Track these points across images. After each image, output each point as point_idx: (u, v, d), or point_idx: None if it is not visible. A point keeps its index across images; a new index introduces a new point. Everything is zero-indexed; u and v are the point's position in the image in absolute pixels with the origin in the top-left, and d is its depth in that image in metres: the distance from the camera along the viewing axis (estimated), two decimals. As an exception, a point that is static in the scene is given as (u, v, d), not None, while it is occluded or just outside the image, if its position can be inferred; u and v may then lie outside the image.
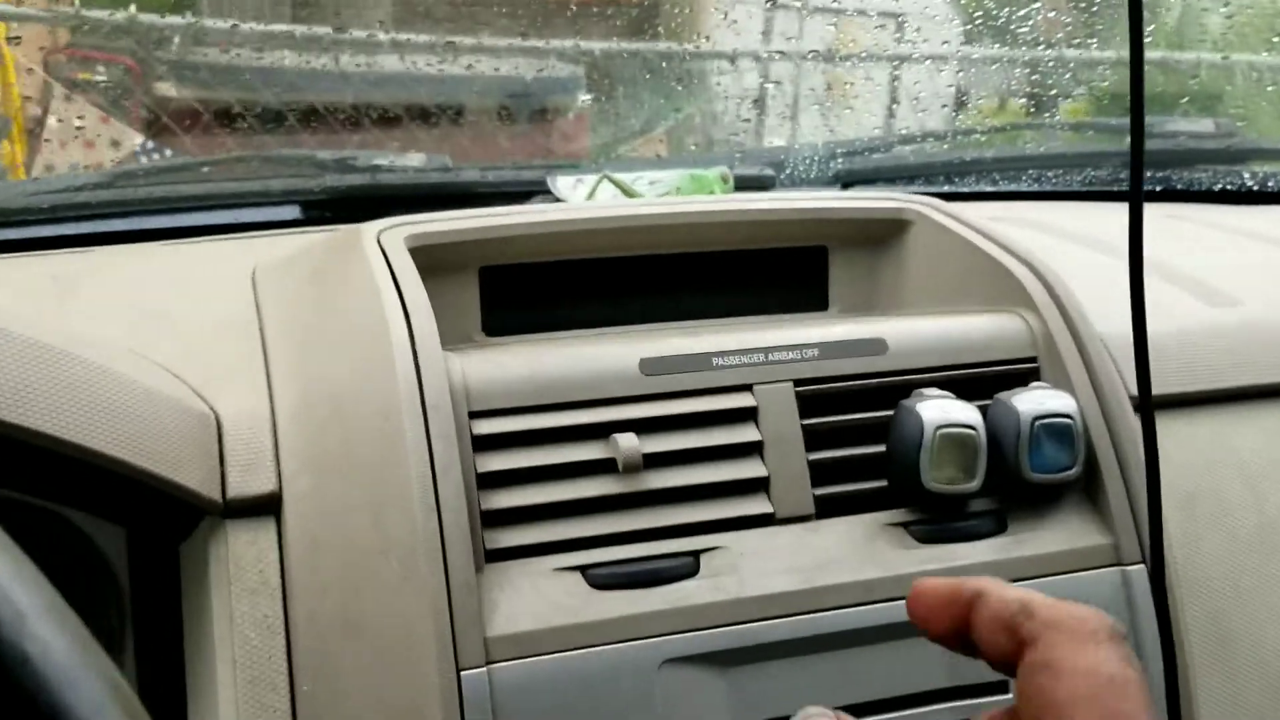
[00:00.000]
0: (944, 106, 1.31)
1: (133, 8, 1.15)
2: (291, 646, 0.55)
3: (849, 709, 0.57)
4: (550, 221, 0.72)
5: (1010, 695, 0.59)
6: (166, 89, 1.18)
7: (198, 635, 0.58)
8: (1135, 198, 0.48)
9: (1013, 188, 1.20)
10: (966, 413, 0.60)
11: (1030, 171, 1.21)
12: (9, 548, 0.25)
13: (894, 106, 1.27)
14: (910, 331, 0.66)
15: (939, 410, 0.59)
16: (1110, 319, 0.71)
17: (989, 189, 1.19)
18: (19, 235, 0.96)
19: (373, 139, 1.11)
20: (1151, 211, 1.16)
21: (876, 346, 0.64)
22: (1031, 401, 0.61)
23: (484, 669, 0.52)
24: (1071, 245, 0.93)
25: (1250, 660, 0.69)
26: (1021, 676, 0.32)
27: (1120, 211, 1.12)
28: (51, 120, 1.25)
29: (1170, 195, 1.24)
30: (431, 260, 0.68)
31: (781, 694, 0.56)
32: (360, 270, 0.63)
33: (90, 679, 0.25)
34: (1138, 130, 0.47)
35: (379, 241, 0.66)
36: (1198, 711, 0.65)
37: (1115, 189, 1.23)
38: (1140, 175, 0.48)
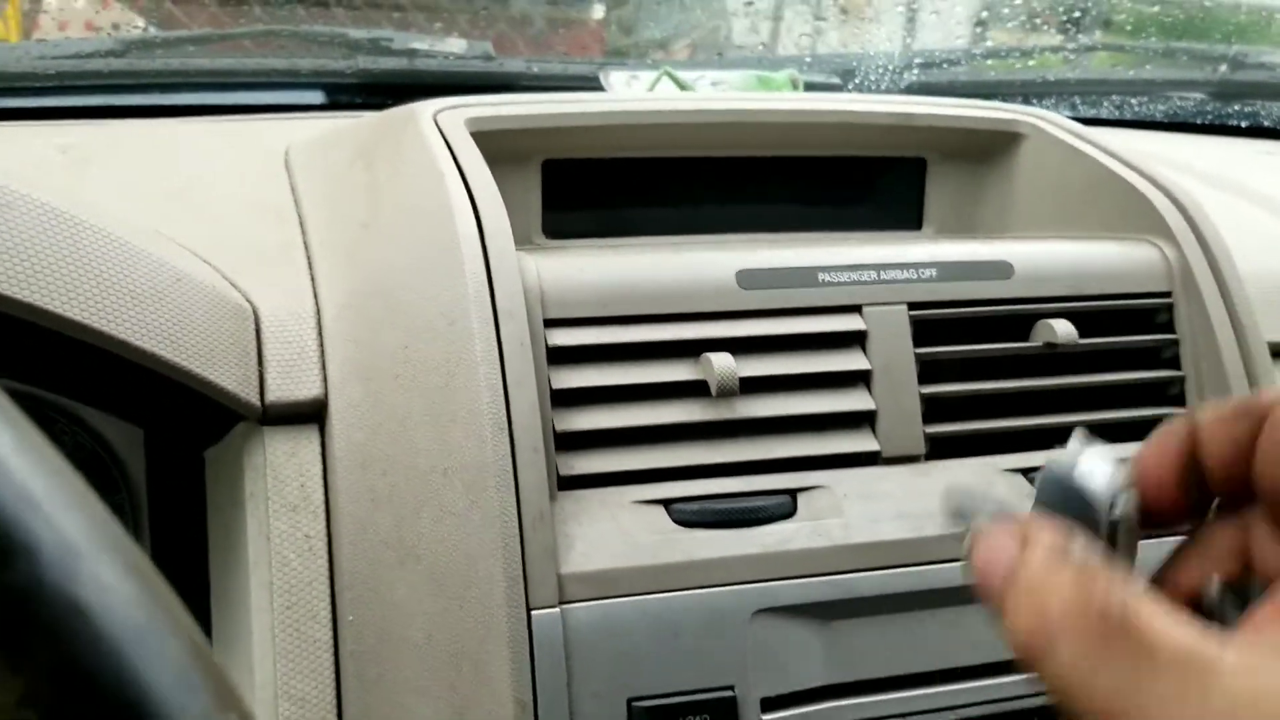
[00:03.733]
0: (1032, 24, 1.22)
1: None
2: (335, 572, 0.48)
3: (954, 672, 0.51)
4: (626, 112, 0.64)
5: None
6: None
7: (227, 554, 0.52)
8: None
9: (1093, 113, 1.12)
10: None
11: (1114, 97, 1.12)
12: (56, 462, 0.18)
13: (979, 17, 1.18)
14: (1038, 254, 0.58)
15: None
16: (1249, 257, 0.63)
17: (1068, 114, 1.11)
18: (21, 104, 0.88)
19: (411, 20, 1.02)
20: (1243, 148, 1.09)
21: (1002, 270, 0.57)
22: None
23: (557, 609, 0.46)
24: (1185, 177, 0.85)
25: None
26: None
27: (1216, 144, 1.03)
28: None
29: (1259, 131, 1.16)
30: (491, 149, 0.59)
31: (882, 650, 0.50)
32: (418, 152, 0.55)
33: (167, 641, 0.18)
34: None
35: (437, 122, 0.58)
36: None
37: (1204, 120, 1.14)
38: None
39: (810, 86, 0.99)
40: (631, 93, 0.94)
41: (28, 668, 0.16)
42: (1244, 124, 1.16)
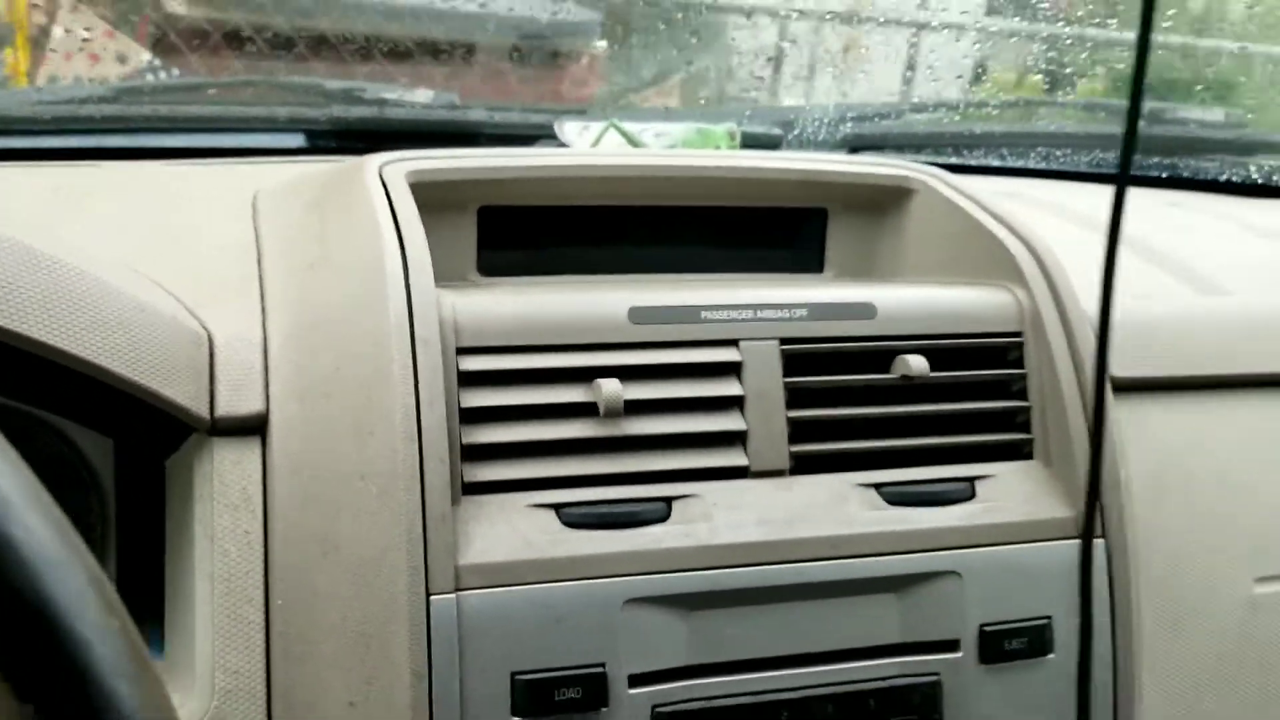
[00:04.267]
0: (958, 77, 1.31)
1: None
2: (269, 563, 0.56)
3: (799, 658, 0.59)
4: (550, 166, 0.73)
5: (961, 654, 0.61)
6: (176, 5, 1.17)
7: (179, 548, 0.60)
8: (1121, 180, 0.49)
9: (1020, 164, 1.20)
10: None
11: (1039, 149, 1.21)
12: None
13: (908, 74, 1.27)
14: (899, 298, 0.66)
15: None
16: (1096, 300, 0.71)
17: (995, 164, 1.20)
18: (21, 145, 0.97)
19: (381, 72, 1.11)
20: (1153, 198, 1.17)
21: (865, 310, 0.65)
22: None
23: (453, 595, 0.54)
24: (1072, 225, 0.94)
25: (1201, 631, 0.71)
26: None
27: (1131, 194, 1.13)
28: (57, 30, 1.24)
29: (1175, 183, 1.24)
30: (431, 197, 0.68)
31: (738, 638, 0.58)
32: (360, 202, 0.64)
33: (73, 568, 0.26)
34: (1133, 114, 0.48)
35: (380, 174, 0.67)
36: (1145, 680, 0.67)
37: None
38: (1129, 159, 0.49)
39: (750, 137, 1.08)
40: (581, 141, 1.03)
41: None
42: (1163, 175, 1.25)
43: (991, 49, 1.37)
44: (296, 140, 1.04)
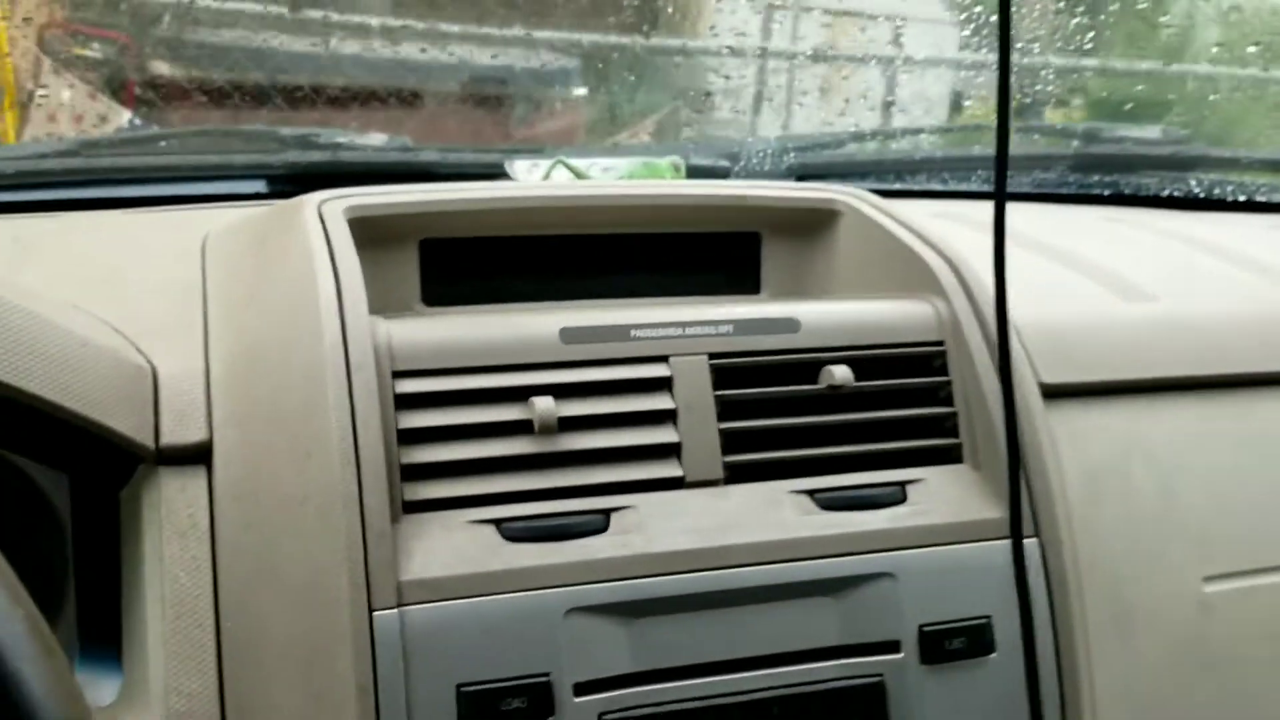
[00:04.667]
0: (899, 111, 1.35)
1: None
2: (218, 586, 0.58)
3: (743, 662, 0.61)
4: (488, 199, 0.75)
5: (902, 654, 0.63)
6: (157, 66, 1.20)
7: (132, 576, 0.61)
8: (999, 195, 0.52)
9: (961, 187, 1.24)
10: None
11: (979, 171, 1.24)
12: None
13: (848, 105, 1.31)
14: (823, 313, 0.69)
15: None
16: (1023, 308, 0.74)
17: (937, 188, 1.23)
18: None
19: (336, 118, 1.14)
20: (1091, 214, 1.21)
21: (789, 325, 0.68)
22: None
23: (395, 610, 0.56)
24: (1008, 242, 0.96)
25: (1149, 634, 0.72)
26: None
27: (1061, 211, 1.16)
28: (41, 93, 1.27)
29: (1116, 200, 1.28)
30: (374, 232, 0.71)
31: (679, 643, 0.60)
32: (298, 238, 0.66)
33: (12, 615, 0.28)
34: (1003, 130, 0.51)
35: (320, 211, 0.69)
36: (1094, 679, 0.69)
37: (1062, 190, 1.27)
38: (1004, 174, 0.52)
39: (696, 170, 1.11)
40: (531, 178, 1.06)
41: None
42: (1105, 193, 1.28)
43: (937, 78, 1.42)
44: (254, 186, 1.06)
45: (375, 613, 0.55)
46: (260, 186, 1.06)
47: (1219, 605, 0.78)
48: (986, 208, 1.15)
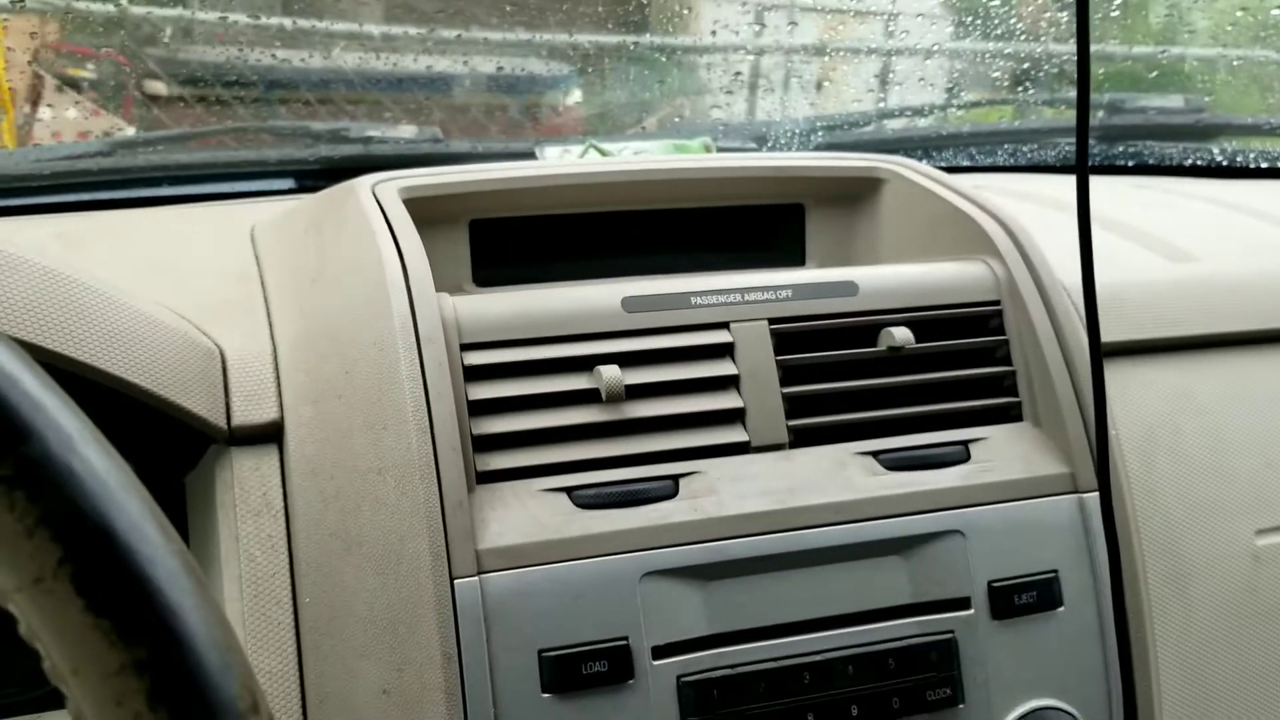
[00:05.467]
0: (928, 84, 1.35)
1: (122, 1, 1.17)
2: (294, 563, 0.58)
3: (816, 622, 0.61)
4: (536, 176, 0.75)
5: (972, 610, 0.63)
6: (157, 86, 1.20)
7: (204, 556, 0.61)
8: (1081, 156, 0.52)
9: (989, 161, 1.24)
10: None
11: (1006, 146, 1.24)
12: (54, 387, 0.29)
13: (876, 88, 1.31)
14: (879, 275, 0.69)
15: None
16: (1075, 270, 0.74)
17: (965, 164, 1.23)
18: (19, 203, 0.99)
19: (366, 113, 1.14)
20: (1121, 182, 1.21)
21: (847, 289, 0.68)
22: None
23: (475, 578, 0.56)
24: (1042, 208, 0.97)
25: (1206, 585, 0.72)
26: None
27: (1091, 181, 1.16)
28: (45, 113, 1.27)
29: (1141, 169, 1.28)
30: (424, 213, 0.71)
31: (754, 605, 0.60)
32: (356, 216, 0.67)
33: (131, 498, 0.28)
34: (1083, 102, 0.51)
35: (374, 192, 0.69)
36: (1154, 631, 0.69)
37: (1093, 162, 1.27)
38: (1085, 139, 0.52)
39: (725, 150, 1.12)
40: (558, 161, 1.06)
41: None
42: (1130, 163, 1.29)
43: (960, 67, 1.42)
44: (287, 183, 1.07)
45: (456, 581, 0.56)
46: (294, 181, 1.07)
47: (1270, 558, 0.78)
48: (1017, 179, 1.16)
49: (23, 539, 0.26)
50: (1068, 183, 1.18)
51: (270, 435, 0.60)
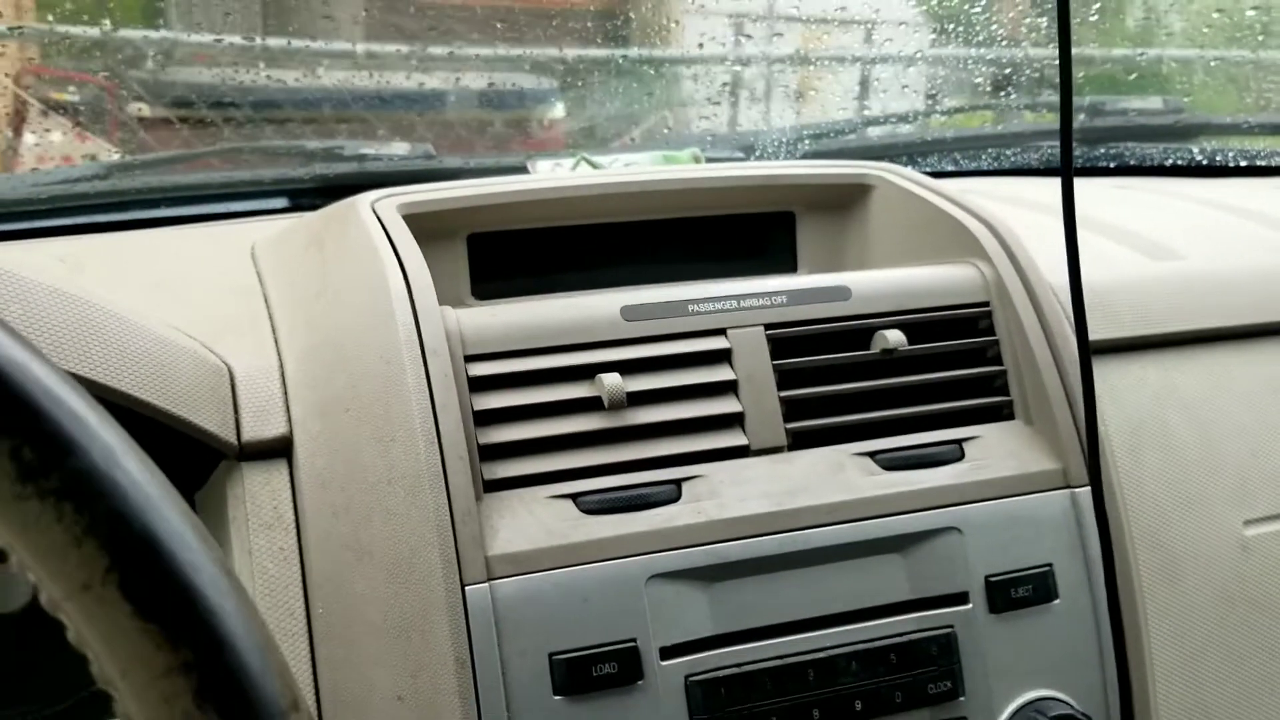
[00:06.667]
0: (912, 91, 1.37)
1: (106, 23, 1.17)
2: (306, 574, 0.59)
3: (819, 620, 0.62)
4: (532, 190, 0.77)
5: (971, 605, 0.64)
6: (143, 109, 1.20)
7: (216, 571, 0.62)
8: (1066, 158, 0.54)
9: (973, 166, 1.26)
10: None
11: (990, 150, 1.27)
12: (94, 403, 0.30)
13: (860, 96, 1.33)
14: (871, 280, 0.71)
15: None
16: (1062, 272, 0.76)
17: (950, 169, 1.25)
18: (18, 227, 1.00)
19: (357, 131, 1.15)
20: (1102, 183, 1.23)
21: (840, 293, 0.69)
22: None
23: (486, 584, 0.57)
24: (1027, 211, 0.99)
25: (1197, 574, 0.74)
26: None
27: (1075, 181, 1.18)
28: (29, 138, 1.28)
29: (1123, 170, 1.30)
30: (422, 229, 0.72)
31: (758, 605, 0.61)
32: (358, 234, 0.68)
33: (171, 507, 0.29)
34: (1066, 105, 0.53)
35: (374, 209, 0.71)
36: (1148, 622, 0.70)
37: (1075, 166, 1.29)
38: (1069, 141, 0.54)
39: (713, 160, 1.13)
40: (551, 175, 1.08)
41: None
42: (1111, 164, 1.31)
43: (941, 74, 1.44)
44: (282, 202, 1.08)
45: (467, 587, 0.57)
46: (289, 200, 1.08)
47: (1259, 547, 0.80)
48: (1001, 183, 1.18)
49: (71, 548, 0.27)
50: (1051, 185, 1.20)
51: (280, 450, 0.61)
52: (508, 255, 0.79)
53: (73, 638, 0.28)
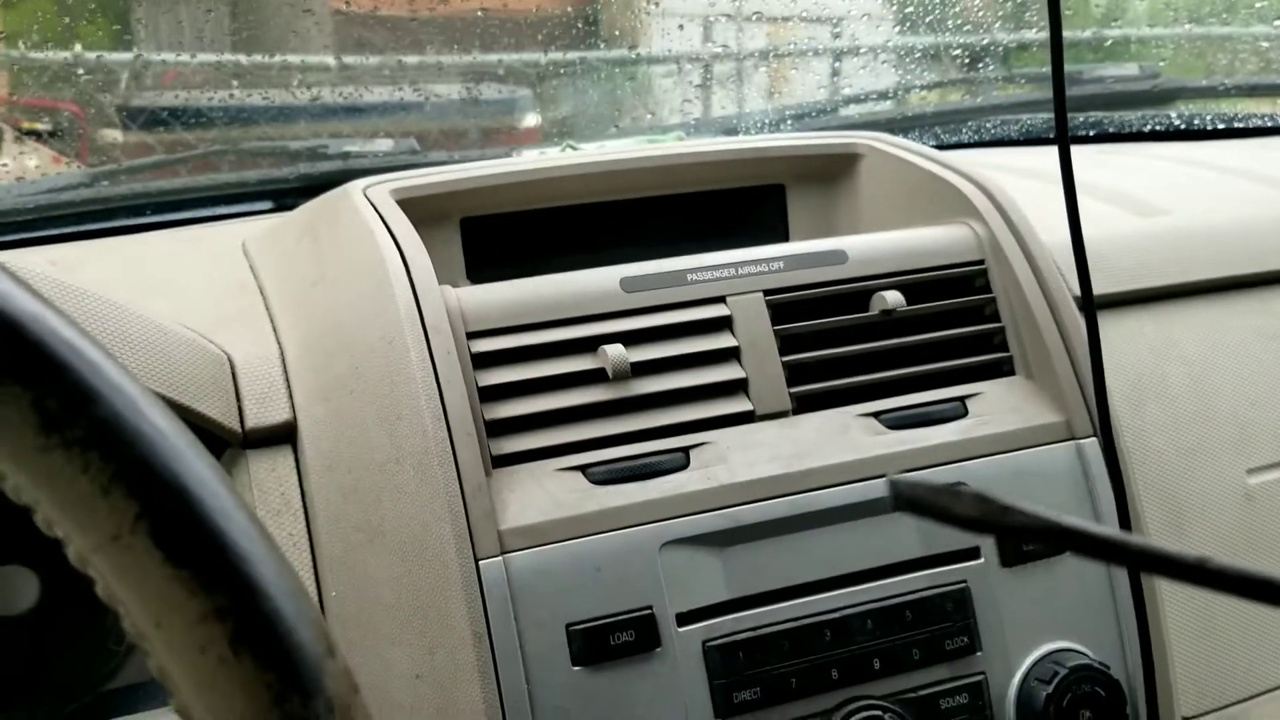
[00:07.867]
0: (891, 67, 1.37)
1: (77, 47, 1.16)
2: (317, 558, 0.59)
3: (834, 581, 0.62)
4: (523, 170, 0.77)
5: (982, 559, 0.64)
6: (115, 135, 1.19)
7: (225, 561, 0.62)
8: (1061, 116, 0.55)
9: (953, 140, 1.27)
10: None
11: (969, 124, 1.27)
12: (112, 355, 0.29)
13: (841, 74, 1.33)
14: (867, 243, 0.71)
15: None
16: (1053, 230, 0.77)
17: (931, 143, 1.26)
18: (6, 238, 0.99)
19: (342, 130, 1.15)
20: (1085, 149, 1.23)
21: (837, 257, 0.69)
22: None
23: (499, 558, 0.57)
24: (1015, 177, 0.99)
25: (1203, 524, 0.74)
26: None
27: (1054, 152, 1.18)
28: (7, 161, 1.27)
29: (1103, 138, 1.31)
30: (415, 214, 0.72)
31: (771, 567, 0.61)
32: (353, 219, 0.68)
33: (197, 454, 0.29)
34: (1058, 78, 0.54)
35: (367, 195, 0.70)
36: (1161, 580, 0.71)
37: (1050, 135, 1.30)
38: (1062, 97, 0.54)
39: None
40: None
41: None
42: (1090, 133, 1.32)
43: (912, 63, 1.44)
44: (267, 203, 1.07)
45: (481, 562, 0.57)
46: (274, 202, 1.07)
47: (1263, 495, 0.80)
48: (984, 153, 1.19)
49: (98, 498, 0.27)
50: (1033, 154, 1.21)
51: (284, 436, 0.61)
52: (501, 239, 0.79)
53: (102, 592, 0.28)
